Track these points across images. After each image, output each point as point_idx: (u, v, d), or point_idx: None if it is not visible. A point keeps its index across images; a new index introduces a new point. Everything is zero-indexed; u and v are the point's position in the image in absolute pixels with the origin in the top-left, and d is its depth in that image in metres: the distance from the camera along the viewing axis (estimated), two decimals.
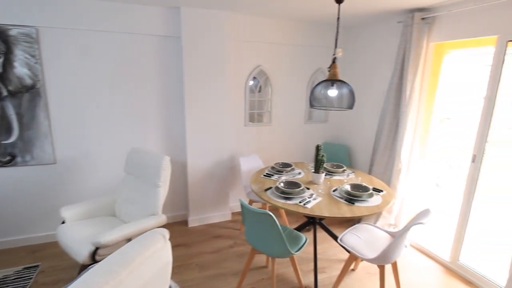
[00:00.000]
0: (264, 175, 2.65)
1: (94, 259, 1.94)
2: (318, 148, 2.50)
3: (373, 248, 2.08)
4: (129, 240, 2.05)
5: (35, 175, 2.68)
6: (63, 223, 2.28)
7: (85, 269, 1.31)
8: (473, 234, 2.55)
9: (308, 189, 2.33)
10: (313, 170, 2.55)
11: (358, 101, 3.55)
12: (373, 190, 2.29)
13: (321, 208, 2.02)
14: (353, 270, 2.55)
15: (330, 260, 2.70)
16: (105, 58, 2.71)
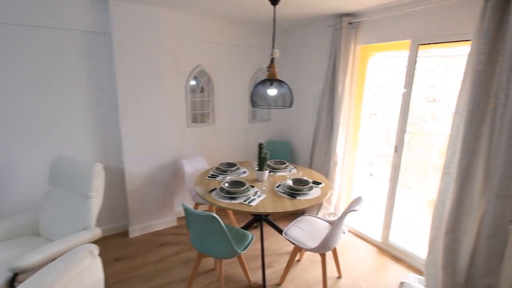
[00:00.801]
0: (209, 177, 2.60)
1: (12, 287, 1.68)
2: (260, 147, 2.54)
3: (315, 238, 2.20)
4: None
5: None
6: None
7: None
8: (399, 216, 2.88)
9: (252, 187, 2.36)
10: (257, 168, 2.59)
11: (298, 99, 3.72)
12: (313, 183, 2.42)
13: (265, 205, 2.06)
14: (298, 261, 2.67)
15: (278, 254, 2.78)
16: (26, 57, 2.36)
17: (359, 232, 3.14)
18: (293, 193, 2.25)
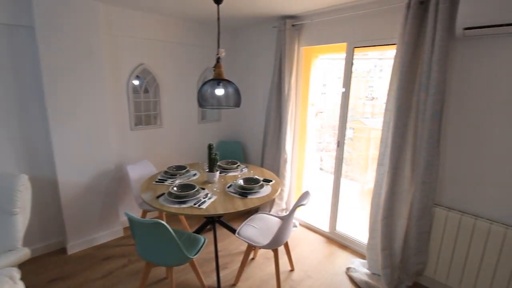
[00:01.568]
0: (156, 181, 2.48)
1: None
2: (210, 147, 2.50)
3: (267, 235, 2.24)
4: None
5: None
6: None
7: None
8: (345, 206, 3.09)
9: (203, 189, 2.31)
10: (207, 170, 2.54)
11: (247, 99, 3.75)
12: (264, 181, 2.46)
13: (215, 207, 2.03)
14: (253, 259, 2.69)
15: (233, 254, 2.77)
16: None
17: (309, 225, 3.29)
18: (244, 192, 2.26)
